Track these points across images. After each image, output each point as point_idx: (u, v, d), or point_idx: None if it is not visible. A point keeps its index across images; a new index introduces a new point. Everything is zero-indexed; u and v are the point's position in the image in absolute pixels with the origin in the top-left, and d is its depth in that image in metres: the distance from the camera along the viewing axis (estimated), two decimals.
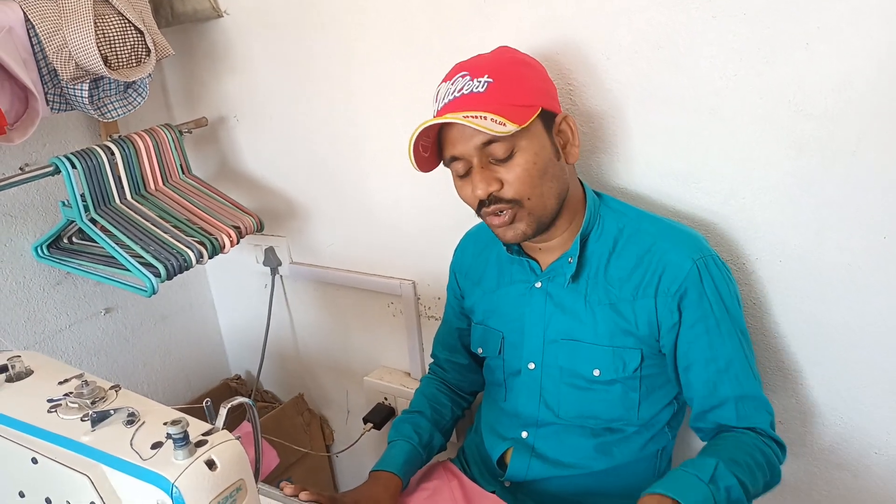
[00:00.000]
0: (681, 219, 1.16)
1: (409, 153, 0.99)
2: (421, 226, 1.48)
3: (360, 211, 1.55)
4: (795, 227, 1.07)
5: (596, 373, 1.05)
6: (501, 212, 1.00)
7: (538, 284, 1.10)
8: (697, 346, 1.01)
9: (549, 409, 1.11)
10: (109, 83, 1.39)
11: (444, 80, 1.01)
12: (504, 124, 0.92)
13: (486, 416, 1.24)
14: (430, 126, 0.97)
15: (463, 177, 1.02)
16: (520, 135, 0.96)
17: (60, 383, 0.78)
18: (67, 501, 0.70)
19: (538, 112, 0.97)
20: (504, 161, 0.97)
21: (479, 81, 0.95)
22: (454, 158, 1.00)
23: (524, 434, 1.14)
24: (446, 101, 0.98)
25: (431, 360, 1.39)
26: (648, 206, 1.18)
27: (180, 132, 1.53)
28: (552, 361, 1.09)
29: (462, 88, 0.96)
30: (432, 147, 1.03)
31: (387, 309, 1.63)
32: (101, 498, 0.66)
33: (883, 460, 1.14)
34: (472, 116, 0.92)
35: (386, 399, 1.67)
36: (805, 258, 1.08)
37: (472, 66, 0.98)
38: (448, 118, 0.94)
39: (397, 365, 1.69)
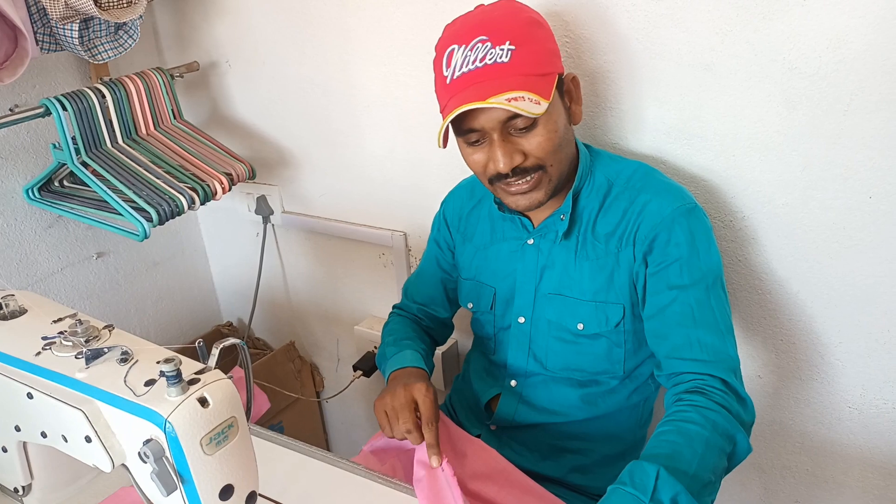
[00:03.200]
0: (670, 174, 1.16)
1: (440, 136, 0.95)
2: (413, 177, 1.48)
3: (352, 161, 1.55)
4: (783, 185, 1.08)
5: (580, 326, 1.07)
6: (524, 181, 0.98)
7: (530, 241, 1.10)
8: (659, 287, 1.00)
9: (537, 362, 1.13)
10: (100, 24, 1.36)
11: (458, 43, 0.94)
12: (539, 103, 0.90)
13: (475, 364, 1.27)
14: (443, 90, 0.95)
15: (474, 144, 0.98)
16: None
17: (54, 322, 0.79)
18: (62, 435, 0.71)
19: (556, 79, 0.96)
20: (525, 131, 0.95)
21: (502, 49, 0.91)
22: (470, 130, 0.96)
23: (513, 383, 1.17)
24: (466, 69, 0.93)
25: (395, 309, 1.35)
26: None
27: (172, 76, 1.51)
28: (541, 315, 1.11)
29: (485, 58, 0.91)
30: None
31: (378, 260, 1.64)
32: (96, 432, 0.68)
33: (857, 415, 1.18)
34: (513, 98, 0.89)
35: (375, 348, 1.69)
36: (791, 216, 1.09)
37: (490, 30, 0.92)
38: (492, 103, 0.89)
39: (387, 315, 1.71)
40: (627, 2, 1.08)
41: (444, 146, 0.96)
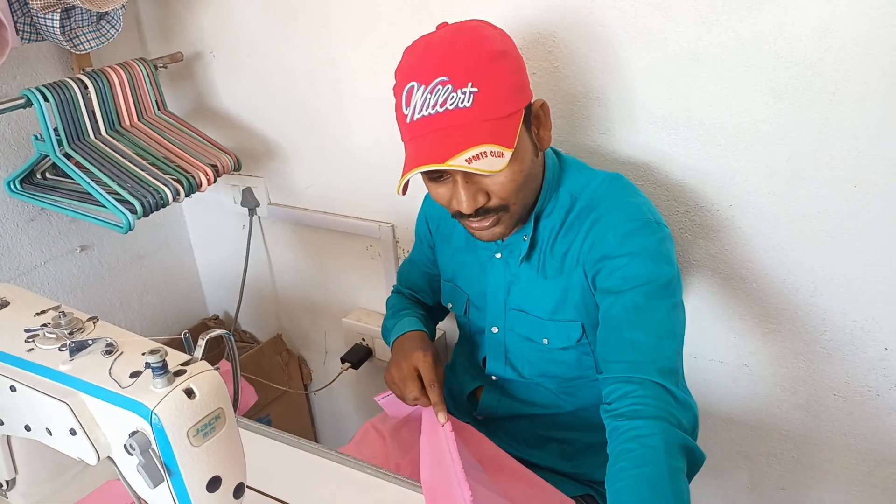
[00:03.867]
0: (656, 165, 1.17)
1: (400, 186, 0.92)
2: (400, 168, 1.46)
3: (339, 152, 1.54)
4: (769, 175, 1.08)
5: (545, 341, 1.08)
6: (485, 219, 0.96)
7: (498, 255, 1.10)
8: (602, 300, 0.98)
9: (513, 369, 1.15)
10: (81, 13, 1.35)
11: (417, 80, 0.89)
12: (502, 154, 0.87)
13: (460, 357, 1.28)
14: (403, 128, 0.93)
15: (437, 179, 0.95)
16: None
17: (37, 314, 0.78)
18: (47, 428, 0.71)
19: (523, 114, 0.92)
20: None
21: (464, 93, 0.87)
22: (434, 172, 0.93)
23: (494, 378, 1.18)
24: (426, 113, 0.89)
25: (395, 286, 1.38)
26: (625, 153, 1.19)
27: (155, 67, 1.49)
28: (511, 327, 1.12)
29: (445, 102, 0.87)
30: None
31: (365, 251, 1.63)
32: (81, 425, 0.67)
33: (841, 402, 1.19)
34: (474, 157, 0.86)
35: (364, 340, 1.69)
36: (777, 205, 1.10)
37: (451, 70, 0.87)
38: (452, 165, 0.86)
39: (375, 307, 1.71)
40: None
41: (404, 194, 0.93)
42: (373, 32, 1.35)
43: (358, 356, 1.68)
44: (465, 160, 0.86)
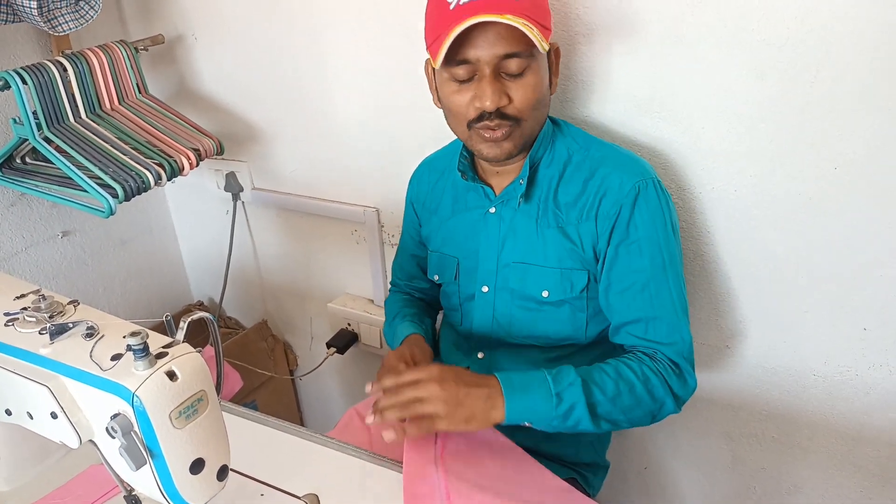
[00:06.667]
0: (640, 147, 1.17)
1: (442, 51, 0.91)
2: (385, 153, 1.47)
3: (323, 136, 1.53)
4: (751, 156, 1.09)
5: (545, 294, 1.08)
6: (498, 127, 0.98)
7: (492, 210, 1.11)
8: (618, 265, 1.02)
9: (501, 329, 1.14)
10: None
11: None
12: (542, 42, 0.91)
13: (445, 339, 1.28)
14: (443, 18, 0.92)
15: (463, 82, 0.97)
16: (536, 55, 0.95)
17: (17, 298, 0.77)
18: (28, 412, 0.70)
19: (550, 37, 0.96)
20: (516, 77, 0.95)
21: None
22: (464, 62, 0.94)
23: (480, 355, 1.18)
24: None
25: (391, 286, 1.40)
26: (609, 135, 1.19)
27: (136, 49, 1.47)
28: (504, 284, 1.12)
29: None
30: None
31: (350, 236, 1.63)
32: (62, 408, 0.66)
33: (820, 382, 1.21)
34: (525, 24, 0.89)
35: (349, 325, 1.69)
36: (759, 187, 1.10)
37: None
38: (510, 19, 0.88)
39: (361, 292, 1.71)
40: None
41: (439, 66, 0.94)
42: (358, 13, 1.34)
43: (343, 341, 1.68)
44: (522, 22, 0.89)
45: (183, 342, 0.70)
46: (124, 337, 0.66)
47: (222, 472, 0.73)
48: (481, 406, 0.92)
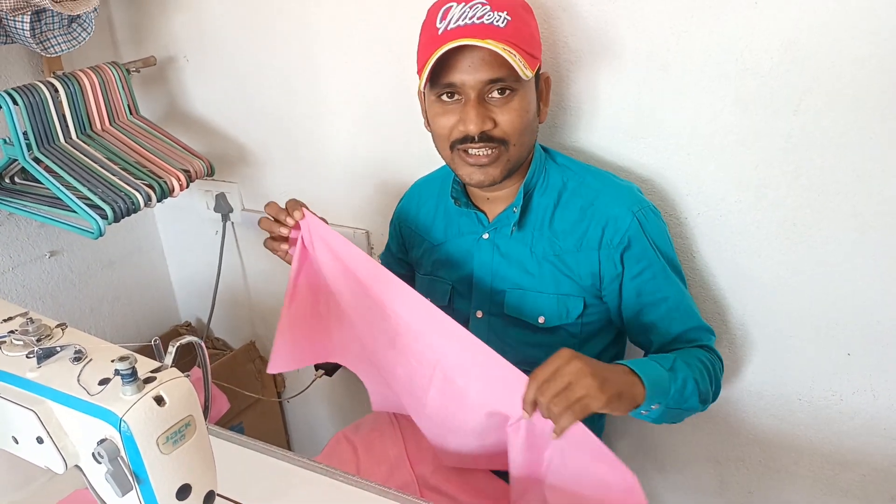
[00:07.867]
0: (627, 173, 1.19)
1: (425, 73, 0.95)
2: (376, 175, 1.47)
3: (314, 157, 1.54)
4: (736, 184, 1.11)
5: (541, 320, 1.08)
6: (484, 149, 0.99)
7: (485, 236, 1.11)
8: (648, 291, 1.05)
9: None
10: (52, 16, 1.33)
11: (457, 0, 0.95)
12: (526, 68, 0.93)
13: None
14: (431, 41, 0.95)
15: (449, 106, 0.99)
16: (522, 82, 0.97)
17: (4, 321, 0.77)
18: (13, 437, 0.69)
19: (538, 66, 0.98)
20: (501, 101, 0.97)
21: (500, 16, 0.93)
22: (449, 85, 0.97)
23: None
24: (463, 23, 0.93)
25: None
26: (597, 161, 1.21)
27: (128, 71, 1.48)
28: (498, 311, 1.12)
29: (482, 17, 0.93)
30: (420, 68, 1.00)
31: None
32: (48, 433, 0.66)
33: (806, 406, 1.21)
34: (506, 50, 0.91)
35: None
36: (744, 214, 1.12)
37: None
38: (491, 44, 0.91)
39: None
40: (586, 1, 1.10)
41: (424, 87, 0.99)
42: (351, 34, 1.35)
43: (332, 364, 1.67)
44: (502, 48, 0.91)
45: (171, 367, 0.69)
46: (112, 361, 0.66)
47: (209, 498, 0.72)
48: (625, 381, 0.90)
